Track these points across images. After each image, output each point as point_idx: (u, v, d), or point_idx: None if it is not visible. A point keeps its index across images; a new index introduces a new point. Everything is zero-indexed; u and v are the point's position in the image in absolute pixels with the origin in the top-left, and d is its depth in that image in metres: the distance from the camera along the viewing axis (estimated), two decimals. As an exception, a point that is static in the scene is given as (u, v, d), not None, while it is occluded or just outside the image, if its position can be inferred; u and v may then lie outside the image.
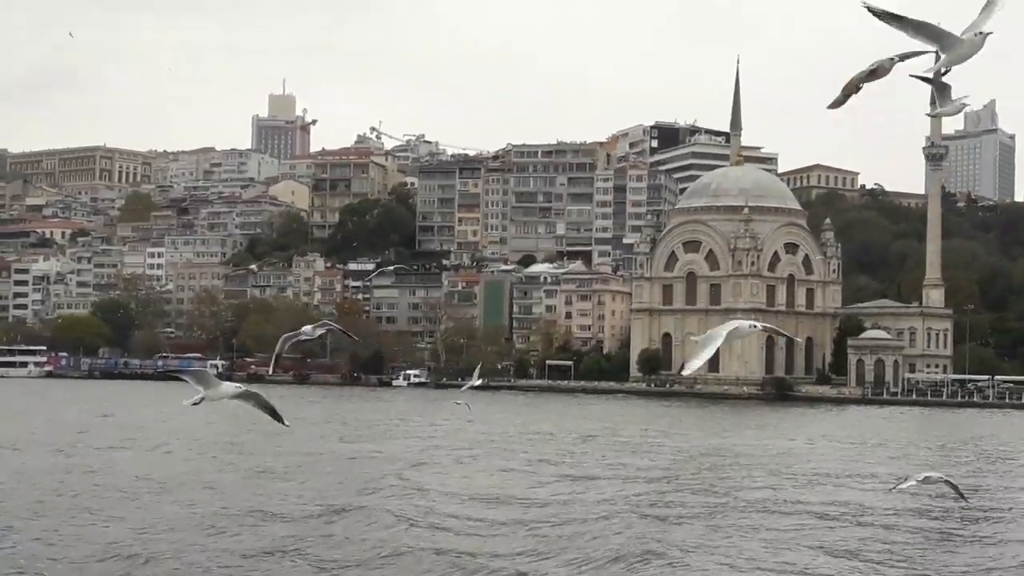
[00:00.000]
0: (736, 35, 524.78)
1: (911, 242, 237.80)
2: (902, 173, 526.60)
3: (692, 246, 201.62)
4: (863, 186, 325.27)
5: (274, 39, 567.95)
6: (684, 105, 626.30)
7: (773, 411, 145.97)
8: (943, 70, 15.98)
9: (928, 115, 23.25)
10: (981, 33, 15.14)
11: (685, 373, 18.44)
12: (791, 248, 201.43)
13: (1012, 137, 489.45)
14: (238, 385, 20.53)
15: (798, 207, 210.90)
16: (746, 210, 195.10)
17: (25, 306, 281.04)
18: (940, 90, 16.43)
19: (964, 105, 16.42)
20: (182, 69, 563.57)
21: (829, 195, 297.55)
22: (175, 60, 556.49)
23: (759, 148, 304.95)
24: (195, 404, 20.37)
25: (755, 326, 17.52)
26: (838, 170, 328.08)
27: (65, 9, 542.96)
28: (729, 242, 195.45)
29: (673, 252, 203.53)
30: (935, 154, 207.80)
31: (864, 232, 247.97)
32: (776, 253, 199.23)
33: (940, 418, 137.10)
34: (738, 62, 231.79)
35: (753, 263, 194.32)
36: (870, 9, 14.92)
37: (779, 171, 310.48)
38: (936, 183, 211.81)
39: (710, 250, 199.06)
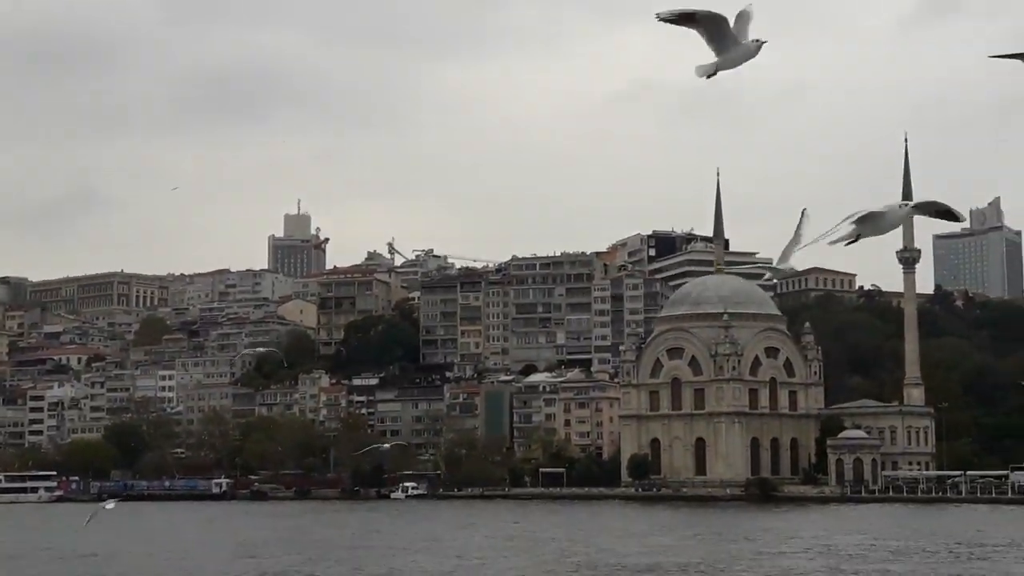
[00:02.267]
0: (733, 143, 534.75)
1: (902, 343, 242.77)
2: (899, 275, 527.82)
3: (676, 352, 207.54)
4: (860, 287, 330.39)
5: (289, 158, 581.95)
6: (683, 213, 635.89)
7: (724, 517, 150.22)
8: (714, 71, 17.83)
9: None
10: (757, 41, 17.57)
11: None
12: (772, 352, 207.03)
13: (1019, 234, 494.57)
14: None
15: (777, 313, 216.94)
16: (725, 317, 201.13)
17: (41, 432, 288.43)
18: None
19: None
20: (198, 191, 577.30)
21: (825, 297, 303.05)
22: (192, 182, 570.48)
23: (754, 254, 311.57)
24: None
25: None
26: (835, 272, 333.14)
27: (79, 135, 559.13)
28: (710, 348, 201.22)
29: (658, 359, 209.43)
30: (908, 258, 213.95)
31: (857, 334, 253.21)
32: (757, 357, 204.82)
33: (904, 514, 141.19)
34: (718, 175, 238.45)
35: (734, 367, 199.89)
36: (661, 16, 17.29)
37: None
38: (911, 286, 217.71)
39: (693, 356, 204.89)
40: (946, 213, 18.21)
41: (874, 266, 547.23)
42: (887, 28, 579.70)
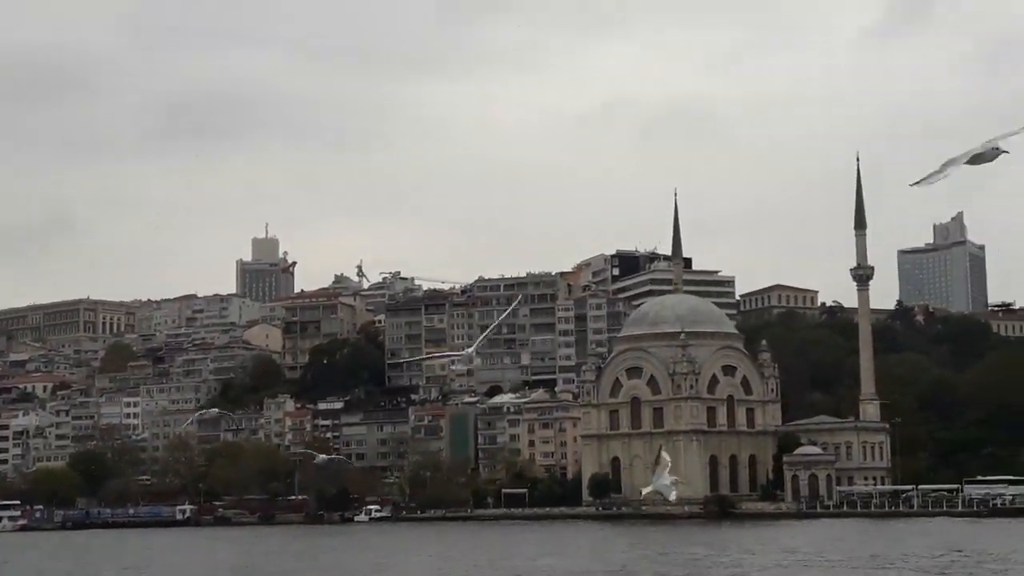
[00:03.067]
0: (698, 161, 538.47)
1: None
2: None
3: (635, 372, 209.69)
4: (823, 304, 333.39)
5: (258, 182, 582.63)
6: (647, 232, 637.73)
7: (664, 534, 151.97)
8: None
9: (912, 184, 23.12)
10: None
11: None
12: (729, 370, 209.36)
13: (982, 248, 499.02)
14: None
15: (734, 331, 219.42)
16: (682, 336, 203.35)
17: (6, 460, 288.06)
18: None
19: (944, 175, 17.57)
20: (167, 215, 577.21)
21: (787, 314, 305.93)
22: (160, 207, 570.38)
23: (716, 272, 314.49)
24: None
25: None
26: (797, 289, 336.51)
27: (50, 162, 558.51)
28: (668, 367, 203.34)
29: (617, 378, 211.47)
30: (861, 275, 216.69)
31: (818, 350, 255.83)
32: (714, 375, 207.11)
33: (849, 528, 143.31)
34: (675, 195, 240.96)
35: (692, 386, 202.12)
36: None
37: (737, 293, 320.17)
38: (864, 302, 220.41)
39: (651, 375, 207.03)
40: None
41: (836, 282, 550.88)
42: (850, 41, 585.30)
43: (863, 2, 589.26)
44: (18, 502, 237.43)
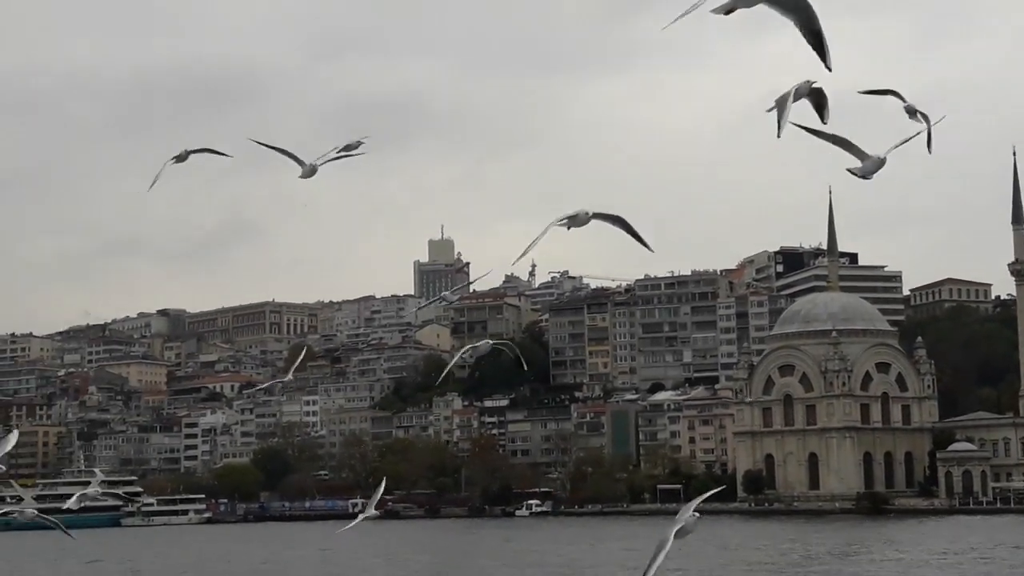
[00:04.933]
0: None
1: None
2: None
3: (787, 370, 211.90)
4: (997, 297, 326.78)
5: (429, 183, 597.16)
6: (813, 228, 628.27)
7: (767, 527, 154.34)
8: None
9: (849, 171, 18.36)
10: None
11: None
12: (883, 367, 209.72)
13: None
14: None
15: (888, 328, 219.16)
16: (834, 334, 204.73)
17: (195, 457, 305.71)
18: (846, 147, 15.19)
19: (883, 160, 14.63)
20: (345, 219, 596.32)
21: (956, 308, 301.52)
22: (337, 211, 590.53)
23: (882, 267, 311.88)
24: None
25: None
26: (969, 283, 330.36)
27: (233, 168, 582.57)
28: (820, 364, 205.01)
29: (770, 376, 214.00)
30: (1020, 270, 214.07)
31: (988, 345, 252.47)
32: (868, 373, 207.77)
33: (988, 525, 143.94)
34: (830, 192, 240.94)
35: (844, 383, 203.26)
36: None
37: (907, 288, 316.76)
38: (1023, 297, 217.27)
39: (803, 373, 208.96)
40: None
41: (1010, 277, 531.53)
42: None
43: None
44: (203, 496, 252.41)
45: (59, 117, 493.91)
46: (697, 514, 15.53)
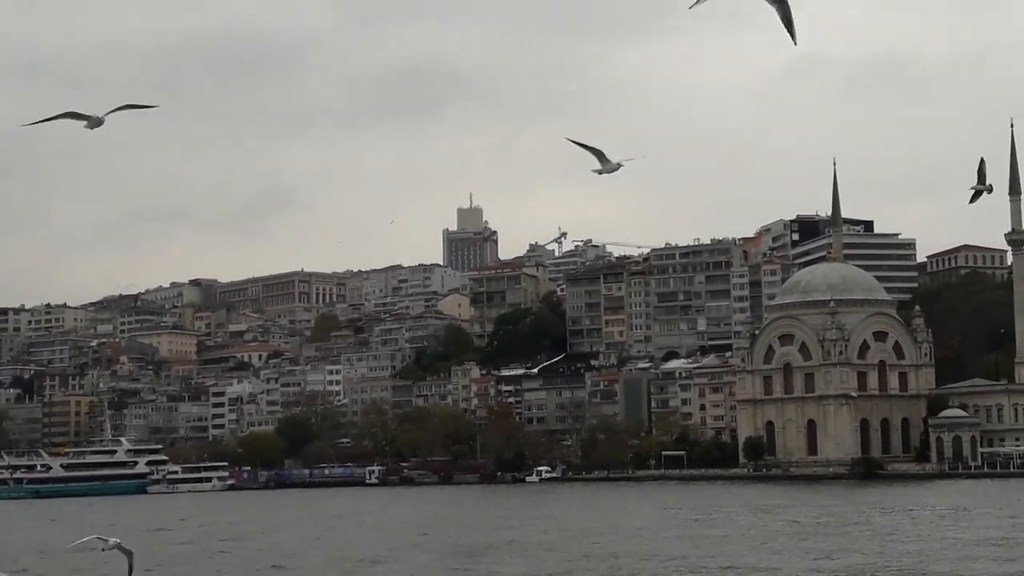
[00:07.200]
0: (897, 120, 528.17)
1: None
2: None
3: (787, 339, 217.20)
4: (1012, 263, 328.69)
5: (461, 150, 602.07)
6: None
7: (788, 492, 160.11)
8: None
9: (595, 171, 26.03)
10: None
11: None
12: (880, 336, 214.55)
13: None
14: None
15: (886, 298, 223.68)
16: (832, 303, 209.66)
17: (223, 425, 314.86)
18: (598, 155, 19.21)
19: (620, 165, 17.85)
20: (378, 188, 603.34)
21: (970, 275, 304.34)
22: (371, 179, 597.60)
23: (896, 235, 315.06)
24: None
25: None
26: (985, 249, 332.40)
27: (268, 138, 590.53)
28: (818, 334, 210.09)
29: (771, 345, 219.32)
30: (1016, 240, 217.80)
31: (999, 311, 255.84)
32: (865, 342, 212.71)
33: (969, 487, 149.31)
34: (834, 164, 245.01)
35: (841, 352, 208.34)
36: None
37: (922, 254, 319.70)
38: (1020, 267, 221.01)
39: (802, 342, 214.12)
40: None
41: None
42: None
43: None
44: (226, 463, 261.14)
45: (96, 86, 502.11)
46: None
